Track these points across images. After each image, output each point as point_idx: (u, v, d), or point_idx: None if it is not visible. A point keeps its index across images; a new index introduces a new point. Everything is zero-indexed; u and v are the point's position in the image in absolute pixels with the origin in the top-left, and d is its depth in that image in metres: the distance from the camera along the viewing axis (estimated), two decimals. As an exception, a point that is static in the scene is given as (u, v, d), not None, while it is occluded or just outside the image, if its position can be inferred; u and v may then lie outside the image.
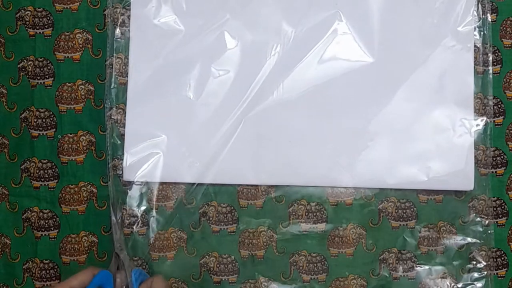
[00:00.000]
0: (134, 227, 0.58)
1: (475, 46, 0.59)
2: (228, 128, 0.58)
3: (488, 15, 0.59)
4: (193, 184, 0.58)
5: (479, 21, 0.59)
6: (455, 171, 0.57)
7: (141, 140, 0.58)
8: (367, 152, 0.58)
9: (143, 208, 0.58)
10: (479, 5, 0.59)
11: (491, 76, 0.59)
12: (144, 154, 0.58)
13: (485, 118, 0.58)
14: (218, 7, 0.59)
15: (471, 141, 0.58)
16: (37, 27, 0.60)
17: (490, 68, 0.59)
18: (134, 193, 0.58)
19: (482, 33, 0.59)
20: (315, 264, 0.58)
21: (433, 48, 0.58)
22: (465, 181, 0.57)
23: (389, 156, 0.58)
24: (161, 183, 0.58)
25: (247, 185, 0.59)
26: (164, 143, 0.58)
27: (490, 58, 0.59)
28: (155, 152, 0.58)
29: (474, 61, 0.58)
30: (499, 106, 0.60)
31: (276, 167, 0.58)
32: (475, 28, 0.59)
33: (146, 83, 0.59)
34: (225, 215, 0.59)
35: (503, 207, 0.59)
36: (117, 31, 0.59)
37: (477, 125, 0.58)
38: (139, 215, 0.58)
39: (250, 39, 0.59)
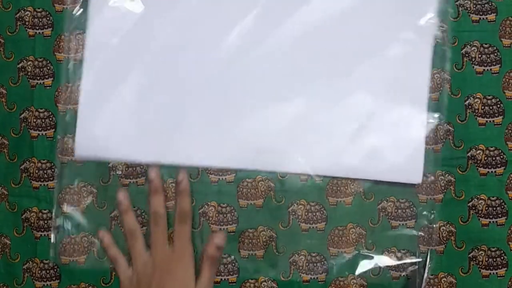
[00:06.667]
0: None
1: (436, 42, 0.58)
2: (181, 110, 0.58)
3: (451, 11, 0.59)
4: (192, 183, 0.58)
5: (441, 17, 0.58)
6: (404, 163, 0.57)
7: (96, 119, 0.58)
8: (320, 138, 0.57)
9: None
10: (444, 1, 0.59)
11: (447, 74, 0.59)
12: (98, 131, 0.58)
13: (438, 114, 0.58)
14: None
15: (423, 136, 0.57)
16: (37, 28, 0.60)
17: (447, 64, 0.59)
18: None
19: (442, 29, 0.58)
20: (315, 264, 0.58)
21: (392, 38, 0.58)
22: (414, 174, 0.57)
23: (341, 144, 0.57)
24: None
25: (243, 182, 0.59)
26: (119, 122, 0.58)
27: (448, 55, 0.59)
28: (109, 128, 0.58)
29: (434, 58, 0.58)
30: (498, 106, 0.59)
31: (228, 150, 0.58)
32: (437, 24, 0.58)
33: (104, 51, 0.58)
34: (225, 215, 0.59)
35: (502, 207, 0.59)
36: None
37: (430, 121, 0.58)
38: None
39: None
